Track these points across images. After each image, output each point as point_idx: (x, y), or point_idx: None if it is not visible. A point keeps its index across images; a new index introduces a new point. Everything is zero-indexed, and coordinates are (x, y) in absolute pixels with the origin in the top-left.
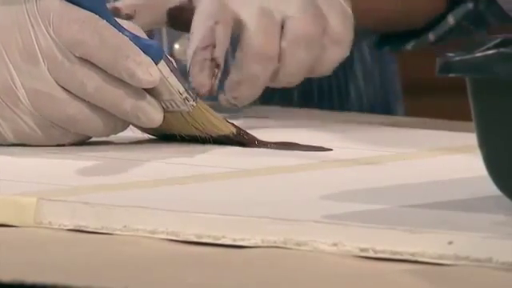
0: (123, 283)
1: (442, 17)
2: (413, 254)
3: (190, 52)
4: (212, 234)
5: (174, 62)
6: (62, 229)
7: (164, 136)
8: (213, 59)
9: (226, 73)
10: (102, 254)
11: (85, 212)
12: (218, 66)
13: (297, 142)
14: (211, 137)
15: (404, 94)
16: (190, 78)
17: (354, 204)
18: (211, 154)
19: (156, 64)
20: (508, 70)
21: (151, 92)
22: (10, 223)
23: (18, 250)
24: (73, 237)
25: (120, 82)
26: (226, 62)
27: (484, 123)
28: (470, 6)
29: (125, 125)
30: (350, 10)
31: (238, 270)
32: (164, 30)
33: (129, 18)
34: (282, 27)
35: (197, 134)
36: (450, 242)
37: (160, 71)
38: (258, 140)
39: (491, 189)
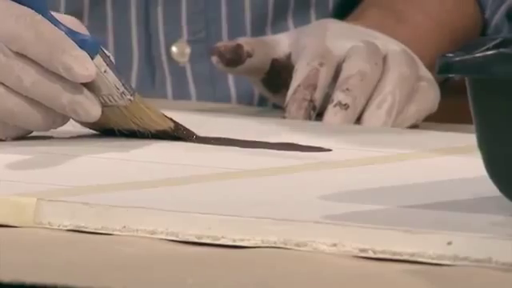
0: (123, 283)
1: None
2: (412, 255)
3: (291, 88)
4: (212, 234)
5: (111, 56)
6: (62, 229)
7: (104, 131)
8: (311, 101)
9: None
10: (102, 254)
11: (84, 212)
12: (314, 108)
13: (296, 142)
14: (150, 132)
15: None
16: (286, 114)
17: (353, 204)
18: (210, 153)
19: (92, 58)
20: (508, 70)
21: (89, 86)
22: (9, 223)
23: (18, 251)
24: (72, 237)
25: (57, 76)
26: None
27: (484, 123)
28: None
29: (64, 119)
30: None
31: (237, 270)
32: (161, 30)
33: (249, 55)
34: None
35: (135, 129)
36: (450, 243)
37: (96, 66)
38: (196, 135)
39: (491, 189)
